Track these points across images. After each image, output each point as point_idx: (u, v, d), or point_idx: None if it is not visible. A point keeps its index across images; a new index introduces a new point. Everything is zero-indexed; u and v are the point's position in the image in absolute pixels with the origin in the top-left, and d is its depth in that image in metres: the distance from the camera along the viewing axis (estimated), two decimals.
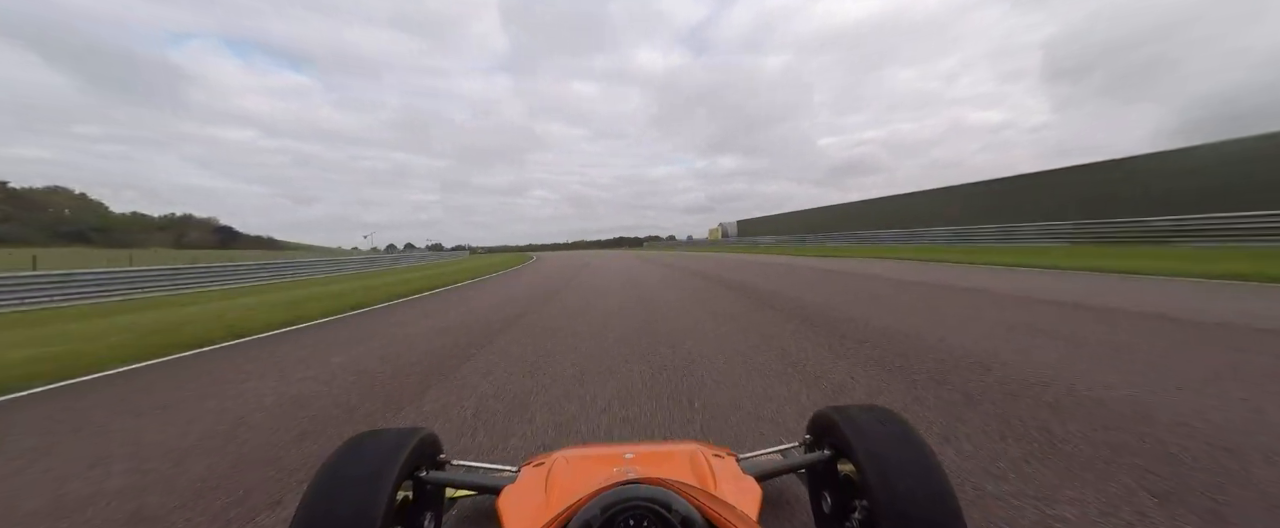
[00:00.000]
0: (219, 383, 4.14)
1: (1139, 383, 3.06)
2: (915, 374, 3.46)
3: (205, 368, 4.76)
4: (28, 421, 3.39)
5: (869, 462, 1.26)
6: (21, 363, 4.98)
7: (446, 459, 1.67)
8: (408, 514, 1.43)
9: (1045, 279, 8.98)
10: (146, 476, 2.42)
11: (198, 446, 2.77)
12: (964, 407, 2.81)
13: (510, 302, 9.25)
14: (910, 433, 1.37)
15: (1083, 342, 4.13)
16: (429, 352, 4.95)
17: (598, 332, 5.64)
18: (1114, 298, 6.42)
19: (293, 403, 3.49)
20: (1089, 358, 3.65)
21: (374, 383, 3.89)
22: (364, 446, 1.38)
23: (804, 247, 36.32)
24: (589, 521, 0.88)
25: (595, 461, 1.57)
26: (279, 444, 2.73)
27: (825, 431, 1.56)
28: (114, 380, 4.43)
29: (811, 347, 4.46)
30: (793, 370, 3.71)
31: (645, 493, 0.93)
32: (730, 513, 0.94)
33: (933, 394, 3.04)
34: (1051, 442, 2.33)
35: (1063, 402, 2.81)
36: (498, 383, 3.70)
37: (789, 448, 1.96)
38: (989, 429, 2.49)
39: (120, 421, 3.29)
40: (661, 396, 3.24)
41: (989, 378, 3.29)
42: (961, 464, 2.14)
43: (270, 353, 5.34)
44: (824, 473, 1.57)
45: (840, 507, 1.48)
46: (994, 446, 2.31)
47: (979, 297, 7.12)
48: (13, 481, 2.45)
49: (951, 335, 4.58)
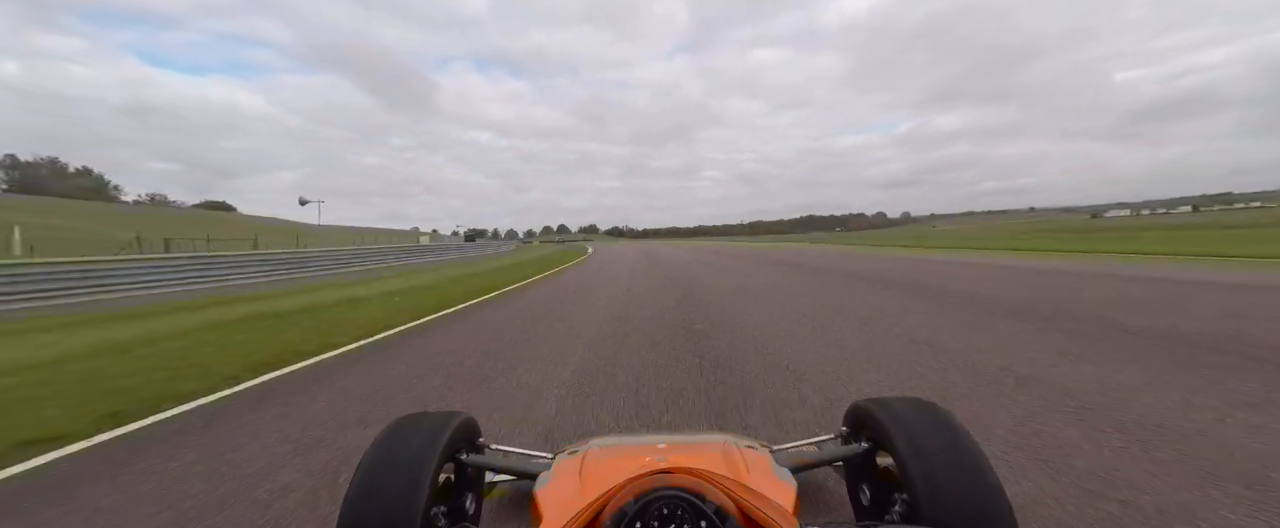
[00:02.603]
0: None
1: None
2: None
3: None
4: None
5: (909, 454, 1.24)
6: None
7: (485, 443, 1.73)
8: (450, 495, 1.49)
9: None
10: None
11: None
12: None
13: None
14: (953, 424, 1.33)
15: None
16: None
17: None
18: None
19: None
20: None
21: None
22: (407, 429, 1.44)
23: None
24: (623, 509, 0.88)
25: (628, 451, 1.58)
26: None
27: (862, 423, 1.54)
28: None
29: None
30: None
31: (678, 482, 0.92)
32: (765, 505, 0.93)
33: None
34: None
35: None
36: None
37: (824, 441, 1.93)
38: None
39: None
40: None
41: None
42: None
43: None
44: (862, 466, 1.54)
45: (879, 500, 1.45)
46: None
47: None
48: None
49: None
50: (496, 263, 25.42)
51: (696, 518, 0.86)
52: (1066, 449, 2.44)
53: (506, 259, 30.17)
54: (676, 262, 20.81)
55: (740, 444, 1.61)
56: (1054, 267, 12.96)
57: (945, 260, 16.95)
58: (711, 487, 0.93)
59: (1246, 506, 1.93)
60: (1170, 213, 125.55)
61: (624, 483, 0.96)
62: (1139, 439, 2.53)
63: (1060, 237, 25.82)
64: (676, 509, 0.87)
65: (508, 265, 22.25)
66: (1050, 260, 15.26)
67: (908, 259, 18.40)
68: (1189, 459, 2.30)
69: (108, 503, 2.28)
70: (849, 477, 1.65)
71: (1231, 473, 2.18)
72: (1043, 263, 14.37)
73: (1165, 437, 2.55)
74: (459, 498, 1.55)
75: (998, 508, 1.11)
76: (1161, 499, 1.99)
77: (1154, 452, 2.39)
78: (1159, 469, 2.22)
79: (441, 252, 35.55)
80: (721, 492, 0.93)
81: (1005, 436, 2.62)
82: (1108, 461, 2.31)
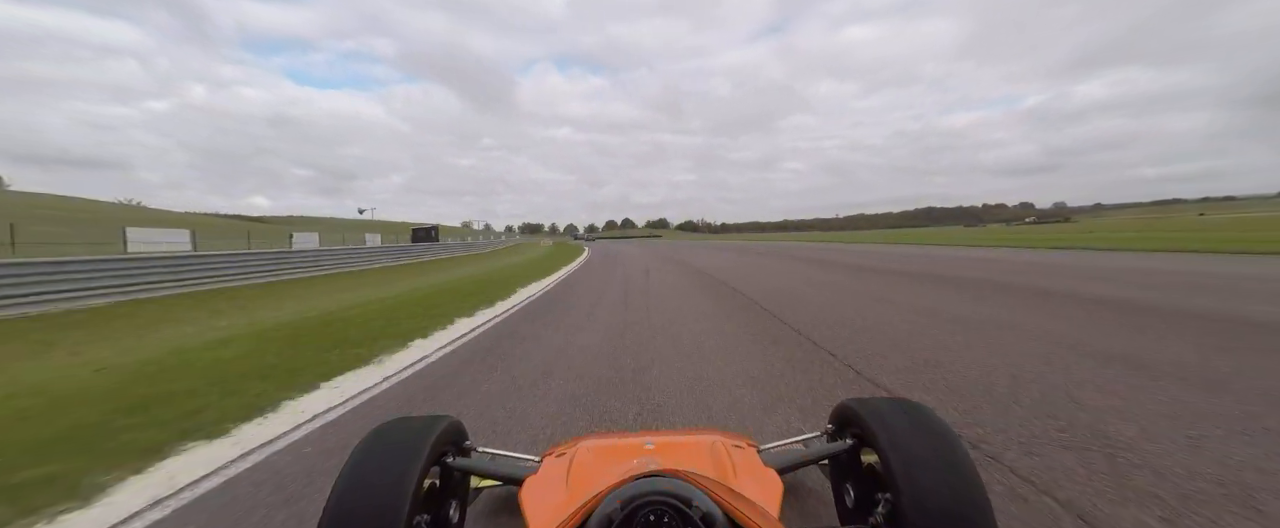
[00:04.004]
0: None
1: None
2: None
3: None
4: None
5: (893, 454, 1.24)
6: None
7: (471, 446, 1.68)
8: (434, 501, 1.45)
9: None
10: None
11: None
12: None
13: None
14: (935, 425, 1.32)
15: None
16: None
17: None
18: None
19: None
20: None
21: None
22: (392, 432, 1.41)
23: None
24: (609, 515, 0.87)
25: (616, 451, 1.57)
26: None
27: (848, 421, 1.54)
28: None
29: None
30: None
31: (665, 488, 0.91)
32: (750, 509, 0.93)
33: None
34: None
35: None
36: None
37: (810, 438, 1.94)
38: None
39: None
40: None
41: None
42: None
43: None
44: (847, 464, 1.54)
45: (863, 500, 1.45)
46: None
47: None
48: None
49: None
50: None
51: (683, 524, 0.85)
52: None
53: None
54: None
55: (727, 443, 1.60)
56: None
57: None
58: (698, 491, 0.93)
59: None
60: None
61: (611, 487, 0.96)
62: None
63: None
64: (664, 515, 0.85)
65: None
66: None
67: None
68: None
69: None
70: (834, 475, 1.65)
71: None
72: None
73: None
74: (444, 504, 1.50)
75: (979, 509, 1.11)
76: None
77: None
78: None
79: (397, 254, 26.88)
80: (708, 495, 0.93)
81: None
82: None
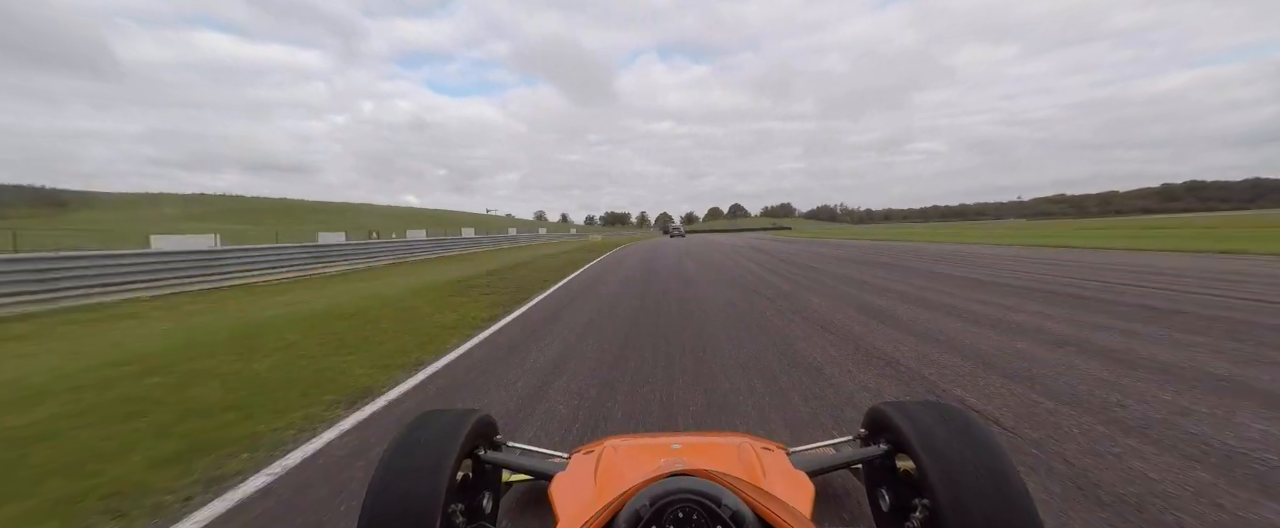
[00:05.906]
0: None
1: None
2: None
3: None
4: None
5: (930, 459, 1.21)
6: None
7: (502, 440, 1.75)
8: (467, 492, 1.51)
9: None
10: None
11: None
12: None
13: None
14: (975, 429, 1.28)
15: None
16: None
17: None
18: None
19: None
20: None
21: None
22: (427, 425, 1.47)
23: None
24: (638, 511, 0.87)
25: (644, 450, 1.59)
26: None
27: (881, 426, 1.50)
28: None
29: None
30: None
31: (694, 486, 0.90)
32: (781, 509, 0.91)
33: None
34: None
35: None
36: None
37: (842, 442, 1.90)
38: None
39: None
40: None
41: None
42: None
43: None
44: (881, 469, 1.51)
45: (899, 505, 1.42)
46: None
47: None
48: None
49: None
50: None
51: (712, 522, 0.84)
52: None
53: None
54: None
55: (756, 446, 1.59)
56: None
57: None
58: (727, 490, 0.91)
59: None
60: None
61: (639, 485, 0.95)
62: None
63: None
64: (692, 513, 0.85)
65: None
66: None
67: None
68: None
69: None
70: (868, 480, 1.61)
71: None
72: None
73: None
74: (476, 495, 1.56)
75: (1024, 515, 1.07)
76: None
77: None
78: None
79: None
80: (737, 495, 0.91)
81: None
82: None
